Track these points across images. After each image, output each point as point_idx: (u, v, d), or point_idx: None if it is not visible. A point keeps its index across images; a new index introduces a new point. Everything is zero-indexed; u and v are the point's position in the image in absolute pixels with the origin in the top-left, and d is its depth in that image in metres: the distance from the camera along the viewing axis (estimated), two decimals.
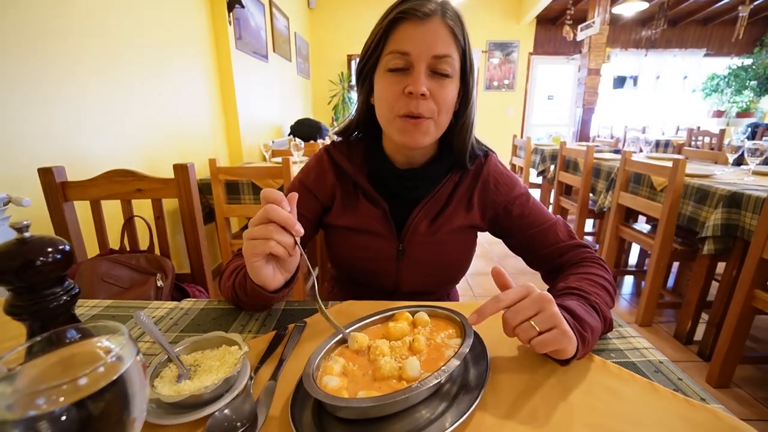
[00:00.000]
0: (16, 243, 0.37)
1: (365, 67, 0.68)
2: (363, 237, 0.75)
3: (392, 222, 0.73)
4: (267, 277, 0.53)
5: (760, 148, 1.77)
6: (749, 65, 5.86)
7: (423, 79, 0.61)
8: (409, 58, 0.61)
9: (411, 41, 0.60)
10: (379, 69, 0.65)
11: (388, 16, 0.63)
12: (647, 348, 0.54)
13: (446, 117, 0.66)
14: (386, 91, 0.64)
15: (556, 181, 2.94)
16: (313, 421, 0.40)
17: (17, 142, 1.22)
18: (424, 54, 0.60)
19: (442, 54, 0.61)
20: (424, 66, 0.61)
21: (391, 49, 0.62)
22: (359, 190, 0.75)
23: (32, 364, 0.25)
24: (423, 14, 0.60)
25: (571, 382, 0.46)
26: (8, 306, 0.38)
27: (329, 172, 0.76)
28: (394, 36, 0.62)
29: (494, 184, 0.75)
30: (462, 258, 0.78)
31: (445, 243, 0.74)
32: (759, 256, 1.29)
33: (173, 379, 0.43)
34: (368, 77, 0.69)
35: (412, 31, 0.61)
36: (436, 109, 0.63)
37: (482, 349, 0.48)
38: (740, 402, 1.41)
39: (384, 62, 0.63)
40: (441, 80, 0.62)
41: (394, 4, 0.63)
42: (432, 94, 0.62)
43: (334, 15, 5.53)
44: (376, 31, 0.65)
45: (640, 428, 0.39)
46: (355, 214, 0.74)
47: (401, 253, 0.74)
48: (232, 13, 2.58)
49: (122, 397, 0.24)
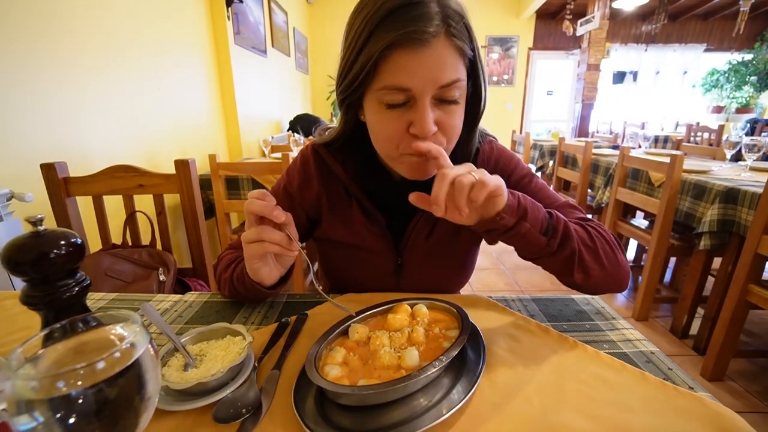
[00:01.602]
0: (31, 236, 0.38)
1: (348, 96, 0.55)
2: (359, 252, 0.69)
3: (390, 237, 0.68)
4: (264, 275, 0.56)
5: (758, 144, 1.79)
6: (749, 60, 5.86)
7: (430, 115, 0.50)
8: (411, 93, 0.49)
9: (410, 74, 0.48)
10: (371, 98, 0.53)
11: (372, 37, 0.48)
12: (639, 339, 0.55)
13: (455, 141, 0.57)
14: (385, 128, 0.53)
15: (555, 176, 2.96)
16: (315, 408, 0.41)
17: (19, 138, 1.23)
18: (428, 87, 0.49)
19: (450, 81, 0.50)
20: (428, 99, 0.50)
21: (385, 83, 0.50)
22: (353, 199, 0.68)
23: (52, 349, 0.27)
24: (423, 40, 0.47)
25: (564, 372, 0.48)
26: (24, 296, 0.39)
27: (314, 179, 0.68)
28: (386, 66, 0.49)
29: (493, 168, 0.68)
30: (464, 266, 0.75)
31: (446, 251, 0.70)
32: (754, 252, 1.30)
33: (180, 368, 0.44)
34: (355, 103, 0.58)
35: (409, 61, 0.48)
36: (445, 140, 0.54)
37: (479, 340, 0.50)
38: (734, 395, 1.43)
39: (377, 95, 0.51)
40: (449, 107, 0.52)
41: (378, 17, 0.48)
42: (440, 125, 0.52)
43: (332, 10, 5.50)
44: (360, 59, 0.50)
45: (631, 415, 0.41)
46: (350, 227, 0.68)
47: (400, 267, 0.70)
48: (231, 8, 2.58)
49: (137, 381, 0.26)
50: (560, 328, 0.58)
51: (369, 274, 0.71)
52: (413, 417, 0.39)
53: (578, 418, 0.40)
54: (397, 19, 0.47)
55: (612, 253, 0.58)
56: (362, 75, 0.50)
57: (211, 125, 2.56)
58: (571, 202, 0.68)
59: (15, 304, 0.66)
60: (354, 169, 0.67)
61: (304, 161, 0.70)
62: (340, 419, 0.40)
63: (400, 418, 0.39)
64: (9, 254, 0.37)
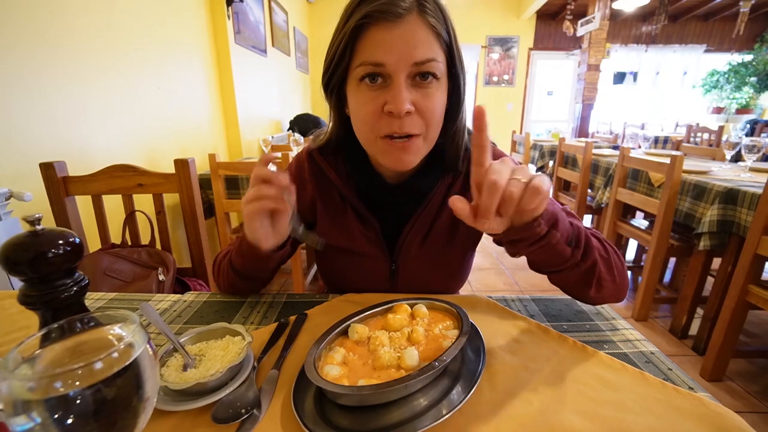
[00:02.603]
0: (29, 235, 0.38)
1: (331, 80, 0.57)
2: (353, 256, 0.70)
3: (384, 242, 0.68)
4: (261, 236, 0.54)
5: (757, 144, 1.79)
6: (749, 61, 5.86)
7: (404, 93, 0.51)
8: (385, 69, 0.51)
9: (384, 49, 0.50)
10: (351, 80, 0.55)
11: (351, 18, 0.51)
12: (639, 339, 0.55)
13: (436, 129, 0.57)
14: (362, 109, 0.55)
15: (555, 176, 2.96)
16: (315, 408, 0.41)
17: (18, 137, 1.23)
18: (402, 63, 0.51)
19: (424, 59, 0.51)
20: (403, 76, 0.51)
21: (362, 60, 0.52)
22: (347, 204, 0.68)
23: (50, 349, 0.27)
24: (395, 14, 0.49)
25: (564, 372, 0.47)
26: (22, 296, 0.39)
27: (308, 184, 0.69)
28: (363, 43, 0.51)
29: None
30: (459, 271, 0.75)
31: (441, 256, 0.70)
32: (753, 252, 1.30)
33: (179, 368, 0.44)
34: (338, 90, 0.59)
35: (383, 36, 0.50)
36: (423, 123, 0.54)
37: (479, 340, 0.50)
38: (733, 395, 1.43)
39: (355, 74, 0.53)
40: (426, 89, 0.53)
41: (356, 1, 0.52)
42: (417, 107, 0.53)
43: (332, 10, 5.50)
44: (339, 38, 0.53)
45: (630, 415, 0.41)
46: (345, 232, 0.68)
47: (394, 272, 0.70)
48: (231, 8, 2.57)
49: (135, 381, 0.26)
50: (560, 329, 0.58)
51: (364, 278, 0.71)
52: (413, 417, 0.39)
53: (578, 418, 0.40)
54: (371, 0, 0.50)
55: (621, 266, 0.58)
56: (339, 52, 0.53)
57: (211, 124, 2.56)
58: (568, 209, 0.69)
59: (13, 303, 0.65)
60: (348, 173, 0.67)
61: (298, 166, 0.71)
62: (340, 419, 0.40)
63: (399, 419, 0.39)
64: (7, 253, 0.37)
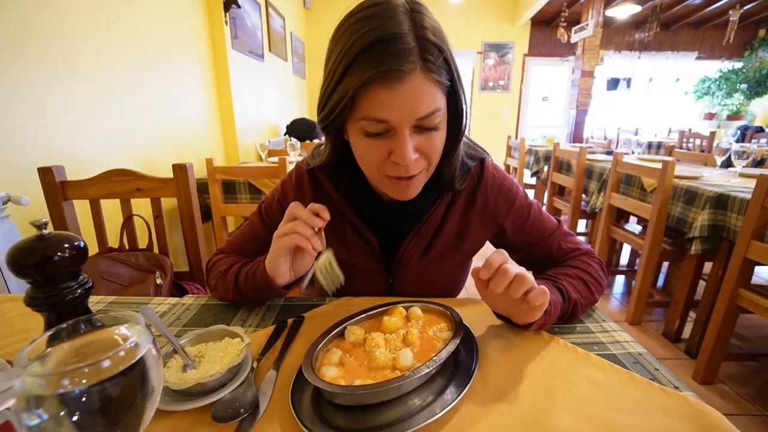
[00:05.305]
0: (35, 239, 0.39)
1: (329, 122, 0.55)
2: (350, 269, 0.66)
3: (382, 258, 0.70)
4: (282, 272, 0.58)
5: (747, 150, 1.82)
6: (740, 68, 5.96)
7: (410, 146, 0.51)
8: (389, 124, 0.50)
9: (388, 107, 0.49)
10: (352, 124, 0.54)
11: (351, 67, 0.48)
12: (628, 341, 0.57)
13: (436, 162, 0.58)
14: (367, 156, 0.55)
15: (550, 181, 2.98)
16: (312, 408, 0.42)
17: (17, 141, 1.23)
18: (406, 119, 0.50)
19: (428, 113, 0.50)
20: (407, 130, 0.51)
21: (364, 114, 0.50)
22: (346, 220, 0.69)
23: (58, 349, 0.28)
24: (400, 76, 0.47)
25: (555, 373, 0.49)
26: (28, 298, 0.40)
27: (308, 196, 0.69)
28: (365, 99, 0.49)
29: (493, 200, 0.69)
30: (457, 281, 0.77)
31: (437, 271, 0.71)
32: (743, 256, 1.33)
33: (179, 369, 0.45)
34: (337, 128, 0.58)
35: (388, 95, 0.48)
36: (426, 162, 0.56)
37: (472, 342, 0.51)
38: (725, 398, 1.45)
39: (357, 125, 0.52)
40: (428, 134, 0.53)
41: (353, 53, 0.47)
42: (420, 150, 0.54)
43: (329, 15, 5.53)
44: (340, 94, 0.50)
45: (618, 414, 0.42)
46: (343, 245, 0.69)
47: (390, 285, 0.72)
48: (228, 13, 2.59)
49: (141, 379, 0.27)
50: (551, 330, 0.59)
51: (362, 290, 0.71)
52: (407, 416, 0.40)
53: (568, 417, 0.42)
54: (372, 56, 0.47)
55: (600, 287, 0.66)
56: (340, 107, 0.51)
57: (209, 129, 2.57)
58: (565, 229, 0.72)
59: (12, 307, 0.66)
60: (346, 189, 0.68)
61: (299, 177, 0.71)
62: (336, 418, 0.41)
63: (394, 417, 0.40)
64: (14, 257, 0.38)
